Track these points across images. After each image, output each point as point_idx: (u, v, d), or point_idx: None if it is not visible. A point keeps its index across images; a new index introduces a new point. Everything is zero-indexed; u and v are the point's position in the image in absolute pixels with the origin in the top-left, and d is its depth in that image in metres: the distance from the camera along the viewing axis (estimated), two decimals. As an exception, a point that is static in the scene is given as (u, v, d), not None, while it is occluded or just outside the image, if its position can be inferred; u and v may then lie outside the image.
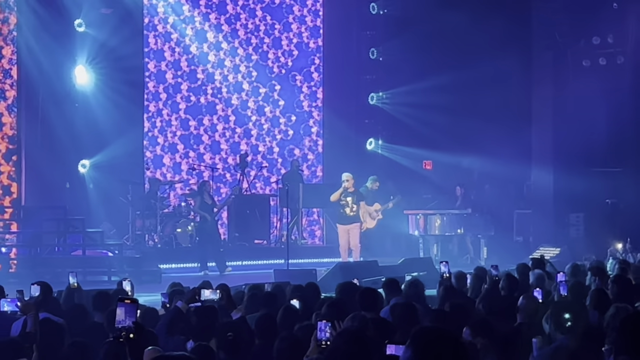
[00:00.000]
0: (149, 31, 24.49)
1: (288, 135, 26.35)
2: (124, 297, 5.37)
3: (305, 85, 26.63)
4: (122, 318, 5.24)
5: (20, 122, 21.78)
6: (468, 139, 25.26)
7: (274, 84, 26.03)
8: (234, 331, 7.77)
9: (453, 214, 23.72)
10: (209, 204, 21.74)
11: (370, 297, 9.59)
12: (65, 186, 22.20)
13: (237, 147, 25.56)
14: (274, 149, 26.17)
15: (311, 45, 26.65)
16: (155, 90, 24.67)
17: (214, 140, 25.39)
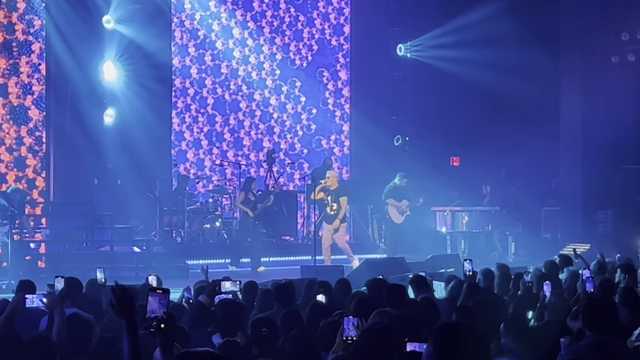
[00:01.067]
0: (176, 27, 24.53)
1: (312, 133, 26.33)
2: (156, 288, 5.37)
3: (332, 83, 26.64)
4: (153, 308, 5.23)
5: (49, 118, 21.87)
6: (496, 134, 25.17)
7: (298, 81, 26.02)
8: (268, 327, 7.79)
9: (481, 211, 23.64)
10: (252, 201, 21.71)
11: (397, 293, 9.58)
12: (93, 182, 22.28)
13: (261, 143, 25.58)
14: (295, 145, 26.15)
15: (338, 42, 26.63)
16: (182, 86, 24.72)
17: (238, 137, 25.40)
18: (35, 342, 7.32)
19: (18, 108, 21.45)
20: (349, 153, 26.80)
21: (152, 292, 5.26)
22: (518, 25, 24.23)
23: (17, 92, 21.39)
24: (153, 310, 5.23)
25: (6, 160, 21.35)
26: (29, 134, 21.67)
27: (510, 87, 24.64)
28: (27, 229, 20.34)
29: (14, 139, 21.42)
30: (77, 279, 10.32)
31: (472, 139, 25.20)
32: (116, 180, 22.92)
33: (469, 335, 4.02)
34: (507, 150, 24.72)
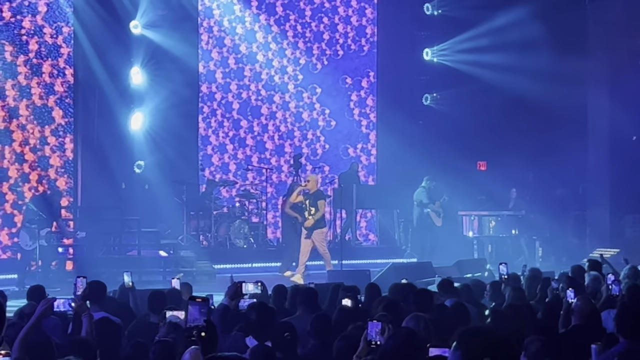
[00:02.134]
0: (204, 32, 24.59)
1: (337, 138, 26.31)
2: (195, 296, 5.39)
3: (357, 87, 26.61)
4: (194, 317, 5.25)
5: (77, 122, 21.97)
6: (523, 139, 25.10)
7: (323, 86, 26.01)
8: (291, 331, 7.80)
9: (507, 215, 23.58)
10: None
11: (425, 298, 9.56)
12: (121, 187, 22.37)
13: (284, 148, 25.60)
14: (317, 151, 26.13)
15: (364, 46, 26.63)
16: (209, 90, 24.76)
17: (262, 141, 25.41)
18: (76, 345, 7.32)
19: (41, 108, 21.52)
20: (375, 158, 26.73)
21: (192, 301, 5.28)
22: (545, 30, 24.15)
23: (39, 93, 21.47)
24: (194, 319, 5.25)
25: (30, 160, 21.42)
26: (52, 134, 21.72)
27: (537, 90, 24.55)
28: (64, 231, 20.41)
29: (37, 139, 21.50)
30: (101, 282, 10.34)
31: (499, 143, 25.12)
32: (144, 184, 23.00)
33: (496, 340, 4.00)
34: (535, 154, 24.66)
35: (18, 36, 21.19)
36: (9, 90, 21.04)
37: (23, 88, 21.24)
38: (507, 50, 24.95)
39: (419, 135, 26.65)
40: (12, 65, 21.12)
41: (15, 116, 21.11)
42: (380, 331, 6.61)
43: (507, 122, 25.08)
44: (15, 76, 21.12)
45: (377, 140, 26.72)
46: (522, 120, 25.04)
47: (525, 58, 24.61)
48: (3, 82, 20.93)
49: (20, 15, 21.22)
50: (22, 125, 21.26)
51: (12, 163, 21.12)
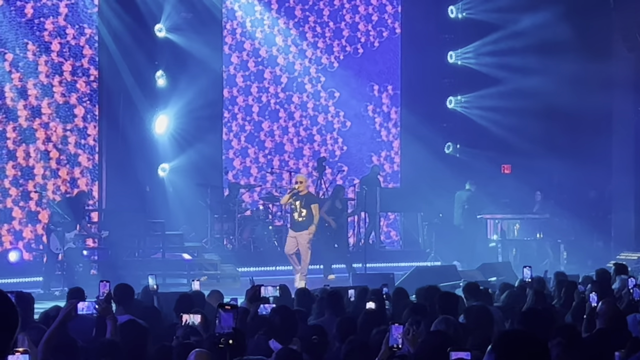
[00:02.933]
0: (228, 35, 24.63)
1: (361, 140, 26.30)
2: (224, 304, 5.41)
3: (381, 89, 26.60)
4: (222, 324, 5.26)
5: (102, 126, 22.05)
6: (547, 142, 25.02)
7: (346, 88, 26.00)
8: (320, 334, 7.81)
9: (532, 219, 23.50)
10: (339, 209, 21.65)
11: (450, 301, 9.54)
12: (145, 190, 22.43)
13: (309, 151, 25.59)
14: (335, 152, 26.10)
15: (388, 49, 26.61)
16: (230, 95, 24.78)
17: (282, 144, 25.41)
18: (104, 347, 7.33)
19: (63, 106, 21.57)
20: (398, 166, 26.71)
21: (220, 309, 5.30)
22: (570, 32, 24.06)
23: (61, 91, 21.53)
24: (222, 326, 5.26)
25: (55, 157, 21.49)
26: (77, 136, 21.78)
27: (562, 93, 24.47)
28: (88, 232, 20.44)
29: (60, 138, 21.57)
30: (128, 285, 10.36)
31: (523, 146, 25.03)
32: (168, 187, 23.06)
33: (531, 344, 3.98)
34: (559, 157, 24.55)
35: (41, 37, 21.26)
36: (31, 89, 21.11)
37: (45, 87, 21.30)
38: (532, 53, 24.88)
39: (442, 138, 26.61)
40: (34, 65, 21.19)
41: (37, 115, 21.18)
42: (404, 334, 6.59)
43: (531, 125, 24.99)
44: (37, 75, 21.18)
45: (400, 144, 26.68)
46: (547, 123, 24.95)
47: (550, 61, 24.53)
48: (25, 81, 21.01)
49: (43, 17, 21.27)
50: (45, 124, 21.32)
51: (38, 161, 21.19)
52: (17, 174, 20.87)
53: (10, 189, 20.83)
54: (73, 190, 21.18)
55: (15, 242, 20.76)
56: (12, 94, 20.78)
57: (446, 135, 26.78)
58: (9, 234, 20.72)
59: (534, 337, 4.05)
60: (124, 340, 7.77)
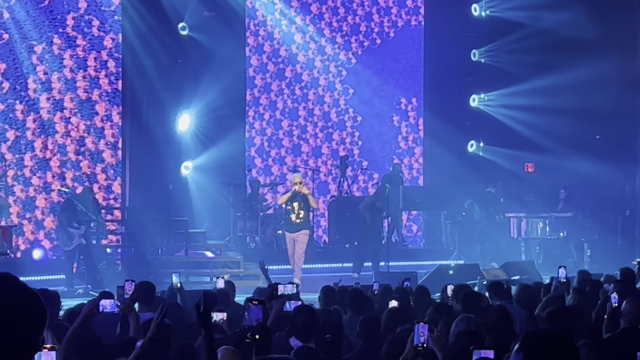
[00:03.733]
0: (250, 34, 24.64)
1: (383, 138, 26.27)
2: (252, 299, 5.42)
3: (405, 87, 26.57)
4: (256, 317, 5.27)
5: (125, 124, 22.10)
6: (571, 140, 24.93)
7: (369, 86, 25.98)
8: (334, 333, 7.80)
9: (556, 217, 23.42)
10: (379, 207, 21.60)
11: (472, 300, 9.52)
12: (168, 188, 22.48)
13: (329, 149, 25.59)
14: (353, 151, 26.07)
15: (411, 47, 26.57)
16: (253, 93, 24.78)
17: (306, 142, 25.40)
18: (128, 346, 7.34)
19: (85, 102, 21.62)
20: (419, 165, 26.68)
21: (252, 303, 5.31)
22: (595, 30, 23.96)
23: (84, 86, 21.58)
24: (251, 319, 5.27)
25: (73, 151, 21.51)
26: (96, 129, 21.80)
27: (586, 92, 24.38)
28: (103, 231, 20.50)
29: (81, 133, 21.60)
30: (150, 283, 10.37)
31: (547, 144, 24.95)
32: (191, 186, 23.11)
33: (560, 344, 3.94)
34: (583, 155, 24.44)
35: (65, 33, 21.30)
36: (55, 82, 21.16)
37: (69, 81, 21.35)
38: (556, 51, 24.80)
39: (465, 137, 26.56)
40: (59, 59, 21.24)
41: (59, 109, 21.23)
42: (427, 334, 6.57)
43: (555, 123, 24.89)
44: (61, 70, 21.23)
45: (423, 143, 26.62)
46: (571, 121, 24.84)
47: (574, 59, 24.42)
48: (49, 74, 21.06)
49: (66, 13, 21.31)
50: (67, 118, 21.38)
51: (55, 154, 21.22)
52: (33, 166, 20.85)
53: (32, 178, 20.85)
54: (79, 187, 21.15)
55: (37, 231, 20.80)
56: (35, 85, 20.84)
57: (469, 133, 26.72)
58: (30, 223, 20.77)
59: (563, 337, 4.01)
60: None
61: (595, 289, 11.71)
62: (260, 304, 5.37)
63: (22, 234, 20.58)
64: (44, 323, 3.42)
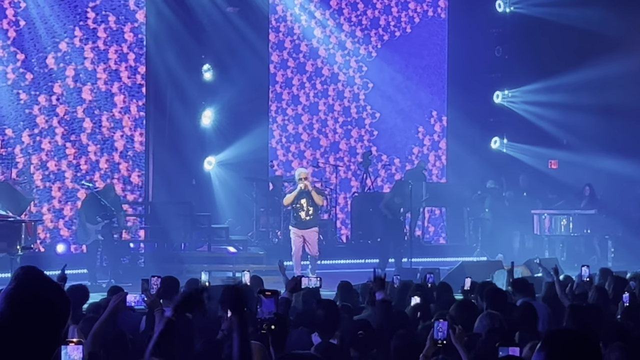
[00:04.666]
0: (272, 30, 24.64)
1: (406, 134, 26.24)
2: (265, 290, 5.42)
3: (428, 82, 26.53)
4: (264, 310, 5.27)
5: (149, 119, 22.14)
6: (595, 137, 24.83)
7: (393, 82, 25.95)
8: (366, 329, 7.79)
9: (580, 214, 23.33)
10: (397, 203, 21.58)
11: (497, 297, 9.48)
12: (191, 183, 22.53)
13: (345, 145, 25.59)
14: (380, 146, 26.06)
15: (435, 42, 26.53)
16: (275, 89, 24.78)
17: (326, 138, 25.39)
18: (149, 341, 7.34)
19: (107, 94, 21.66)
20: (444, 155, 26.65)
21: (264, 295, 5.31)
22: (618, 26, 23.85)
23: (105, 78, 21.61)
24: (264, 312, 5.27)
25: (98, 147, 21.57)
26: (118, 122, 21.85)
27: (610, 88, 24.28)
28: (124, 226, 20.54)
29: (104, 127, 21.64)
30: (174, 278, 10.39)
31: (570, 141, 24.87)
32: (214, 181, 23.15)
33: (582, 343, 3.92)
34: (607, 152, 24.34)
35: (86, 26, 21.35)
36: (77, 75, 21.18)
37: (89, 73, 21.39)
38: (580, 48, 24.70)
39: (489, 133, 26.51)
40: (80, 52, 21.29)
41: (82, 102, 21.28)
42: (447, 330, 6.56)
43: (579, 120, 24.80)
44: (82, 62, 21.28)
45: (446, 139, 26.59)
46: (595, 117, 24.74)
47: (598, 55, 24.31)
48: (71, 66, 21.09)
49: (88, 6, 21.36)
50: (90, 110, 21.42)
51: (77, 147, 21.25)
52: (50, 149, 20.89)
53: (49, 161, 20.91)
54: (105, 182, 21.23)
55: (56, 220, 20.87)
56: (60, 80, 20.91)
57: (493, 130, 26.67)
58: (49, 213, 20.85)
59: (585, 336, 3.99)
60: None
61: (620, 286, 11.63)
62: (273, 295, 5.35)
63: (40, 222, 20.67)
64: (67, 315, 3.44)
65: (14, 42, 20.31)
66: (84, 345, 5.14)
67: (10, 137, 20.30)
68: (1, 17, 20.22)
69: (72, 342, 5.05)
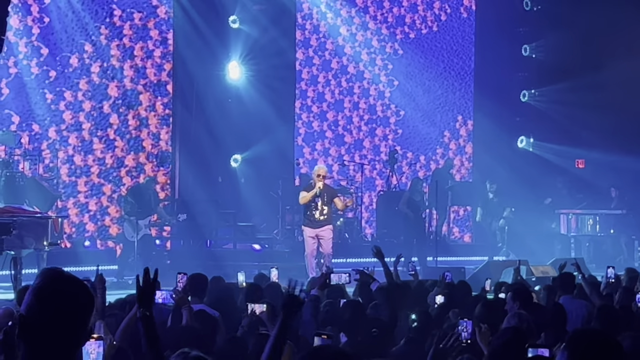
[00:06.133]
0: (300, 27, 24.64)
1: (430, 134, 26.19)
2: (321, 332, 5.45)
3: (455, 80, 26.47)
4: None
5: (175, 117, 22.19)
6: (622, 137, 24.71)
7: (420, 79, 25.91)
8: (380, 327, 7.79)
9: (606, 214, 23.23)
10: (417, 201, 21.56)
11: (522, 296, 9.43)
12: (217, 180, 22.56)
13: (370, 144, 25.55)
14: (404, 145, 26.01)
15: (462, 41, 26.46)
16: (301, 86, 24.77)
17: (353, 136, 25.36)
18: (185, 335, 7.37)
19: (132, 92, 21.72)
20: (468, 161, 26.59)
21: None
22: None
23: (131, 76, 21.67)
24: None
25: (124, 144, 21.64)
26: (146, 120, 21.90)
27: (637, 87, 24.16)
28: (164, 218, 20.49)
29: (132, 125, 21.71)
30: (202, 275, 10.40)
31: (598, 140, 24.75)
32: (240, 178, 23.18)
33: (606, 344, 3.89)
34: (634, 152, 24.22)
35: (111, 23, 21.42)
36: (102, 72, 21.24)
37: (115, 70, 21.45)
38: (607, 45, 24.58)
39: (516, 132, 26.43)
40: (106, 49, 21.35)
41: (107, 99, 21.34)
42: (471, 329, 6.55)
43: (606, 119, 24.69)
44: (108, 59, 21.34)
45: (472, 138, 26.52)
46: (622, 117, 24.62)
47: (627, 54, 24.20)
48: (96, 63, 21.15)
49: (115, 4, 21.44)
50: (116, 107, 21.49)
51: (104, 143, 21.32)
52: (78, 145, 20.97)
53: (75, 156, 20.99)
54: (139, 177, 21.32)
55: (82, 215, 20.95)
56: (87, 77, 20.98)
57: (519, 129, 26.59)
58: (75, 207, 20.93)
59: (609, 337, 3.96)
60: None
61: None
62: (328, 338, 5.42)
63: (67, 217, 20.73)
64: (91, 310, 3.51)
65: (38, 37, 20.40)
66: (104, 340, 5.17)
67: (37, 132, 20.38)
68: (27, 14, 20.30)
69: (92, 338, 5.09)
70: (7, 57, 19.85)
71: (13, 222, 14.41)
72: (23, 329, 3.45)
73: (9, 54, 19.87)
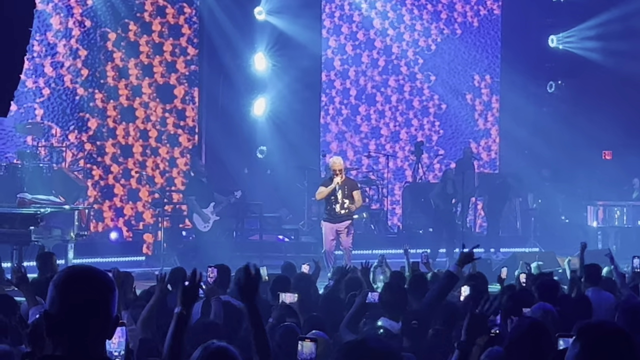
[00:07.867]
0: (326, 18, 24.63)
1: (459, 125, 26.14)
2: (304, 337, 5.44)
3: (481, 72, 26.41)
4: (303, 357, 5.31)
5: (201, 108, 22.25)
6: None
7: (447, 70, 25.86)
8: (420, 319, 7.82)
9: (634, 206, 23.12)
10: (449, 193, 21.48)
11: (548, 287, 9.42)
12: (243, 171, 22.60)
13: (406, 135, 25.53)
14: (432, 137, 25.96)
15: (488, 31, 26.39)
16: (328, 78, 24.77)
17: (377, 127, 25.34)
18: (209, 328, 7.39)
19: (163, 86, 21.80)
20: (495, 154, 26.52)
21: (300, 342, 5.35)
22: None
23: (161, 71, 21.74)
24: None
25: (154, 136, 21.73)
26: (173, 113, 21.97)
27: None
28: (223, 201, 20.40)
29: (159, 117, 21.79)
30: (226, 266, 10.46)
31: (626, 132, 24.64)
32: (266, 170, 23.21)
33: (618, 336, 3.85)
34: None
35: (141, 17, 21.49)
36: (132, 69, 21.35)
37: (145, 67, 21.54)
38: (636, 37, 24.44)
39: (542, 123, 26.33)
40: (135, 45, 21.43)
41: (138, 94, 21.43)
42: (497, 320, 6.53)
43: (634, 110, 24.57)
44: (137, 55, 21.42)
45: (499, 130, 26.46)
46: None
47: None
48: (126, 61, 21.25)
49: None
50: (145, 103, 21.57)
51: (137, 139, 21.47)
52: (116, 152, 21.15)
53: (112, 166, 21.13)
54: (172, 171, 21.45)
55: (116, 219, 21.07)
56: (113, 73, 21.07)
57: (546, 118, 26.50)
58: (110, 210, 21.04)
59: (620, 329, 3.92)
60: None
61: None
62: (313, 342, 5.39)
63: (101, 219, 20.87)
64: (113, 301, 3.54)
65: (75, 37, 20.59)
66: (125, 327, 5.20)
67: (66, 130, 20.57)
68: (68, 14, 20.44)
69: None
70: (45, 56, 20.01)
71: (40, 213, 14.50)
72: (49, 325, 3.51)
73: (47, 53, 20.05)
